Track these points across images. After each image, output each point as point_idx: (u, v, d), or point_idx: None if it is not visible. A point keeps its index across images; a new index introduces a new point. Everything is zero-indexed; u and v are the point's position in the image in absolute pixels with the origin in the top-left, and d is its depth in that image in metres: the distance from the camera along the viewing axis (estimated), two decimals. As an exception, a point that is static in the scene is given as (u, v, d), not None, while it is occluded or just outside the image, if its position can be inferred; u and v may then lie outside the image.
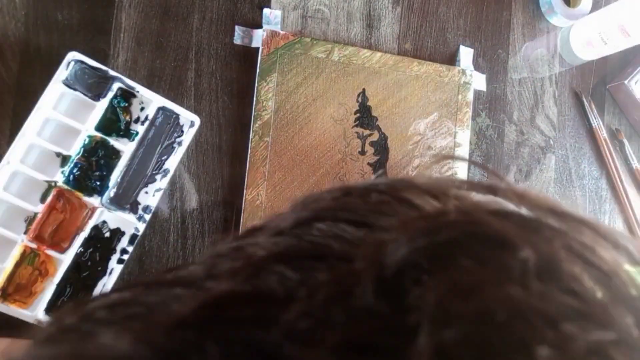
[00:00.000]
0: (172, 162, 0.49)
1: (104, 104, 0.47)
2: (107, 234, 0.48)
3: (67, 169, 0.46)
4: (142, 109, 0.49)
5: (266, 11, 0.54)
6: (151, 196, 0.48)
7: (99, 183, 0.47)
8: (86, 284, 0.47)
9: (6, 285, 0.44)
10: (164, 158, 0.49)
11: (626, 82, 0.65)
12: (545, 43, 0.66)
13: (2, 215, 0.45)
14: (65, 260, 0.45)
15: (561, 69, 0.66)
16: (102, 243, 0.48)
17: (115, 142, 0.47)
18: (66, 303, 0.46)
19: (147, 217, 0.48)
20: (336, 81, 0.55)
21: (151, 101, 0.48)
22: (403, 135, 0.57)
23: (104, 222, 0.48)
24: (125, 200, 0.48)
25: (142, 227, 0.48)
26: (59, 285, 0.45)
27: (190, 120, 0.50)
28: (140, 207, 0.48)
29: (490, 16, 0.63)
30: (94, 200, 0.47)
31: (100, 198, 0.47)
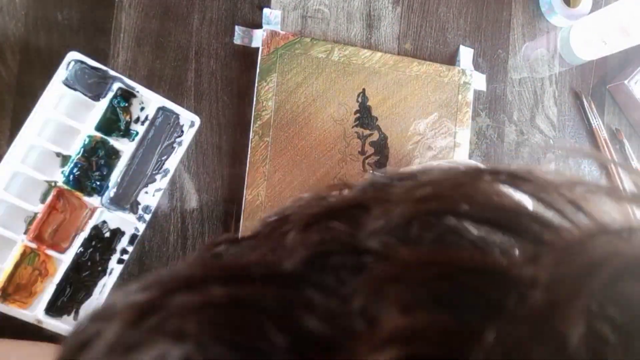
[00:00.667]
0: (172, 162, 0.49)
1: (104, 104, 0.47)
2: (107, 234, 0.48)
3: (67, 169, 0.46)
4: (142, 109, 0.49)
5: (266, 11, 0.54)
6: (151, 196, 0.48)
7: (99, 183, 0.47)
8: (86, 284, 0.47)
9: (6, 285, 0.44)
10: (164, 158, 0.49)
11: (626, 82, 0.65)
12: (545, 43, 0.66)
13: (2, 215, 0.45)
14: (65, 260, 0.45)
15: (561, 69, 0.66)
16: (102, 243, 0.48)
17: (115, 142, 0.47)
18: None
19: (147, 217, 0.48)
20: (336, 81, 0.55)
21: (151, 101, 0.48)
22: (403, 135, 0.57)
23: (104, 222, 0.48)
24: (125, 200, 0.48)
25: (142, 227, 0.48)
26: (59, 285, 0.45)
27: (190, 120, 0.50)
28: (140, 207, 0.48)
29: (490, 16, 0.63)
30: (94, 200, 0.47)
31: (100, 198, 0.47)
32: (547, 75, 0.65)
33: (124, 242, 0.48)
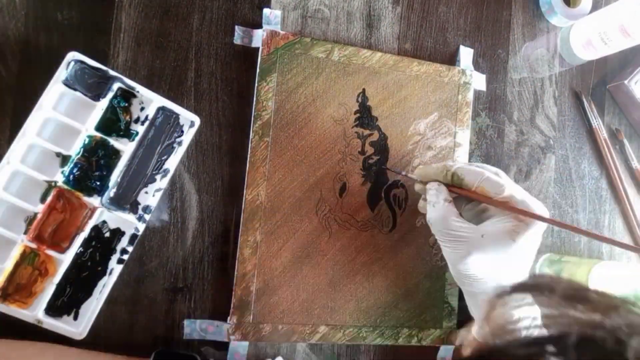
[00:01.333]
0: (172, 162, 0.49)
1: (104, 104, 0.47)
2: (107, 234, 0.48)
3: (67, 169, 0.46)
4: (142, 109, 0.49)
5: (266, 11, 0.54)
6: (151, 196, 0.48)
7: (99, 183, 0.47)
8: (86, 284, 0.47)
9: (6, 286, 0.44)
10: (164, 158, 0.49)
11: (626, 82, 0.65)
12: (545, 43, 0.66)
13: (2, 215, 0.45)
14: (65, 260, 0.45)
15: (561, 69, 0.66)
16: (102, 243, 0.48)
17: (115, 142, 0.47)
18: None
19: (147, 217, 0.48)
20: (336, 81, 0.55)
21: (151, 101, 0.48)
22: (403, 135, 0.57)
23: (104, 222, 0.48)
24: (125, 200, 0.48)
25: (142, 227, 0.48)
26: (59, 285, 0.45)
27: (190, 120, 0.50)
28: (140, 207, 0.48)
29: (490, 16, 0.63)
30: (94, 200, 0.47)
31: (100, 198, 0.47)
32: (547, 75, 0.65)
33: (123, 242, 0.48)
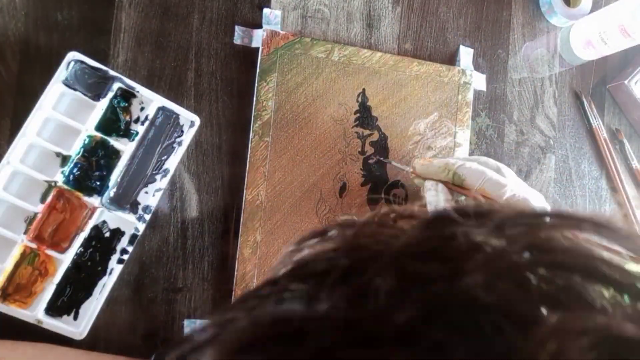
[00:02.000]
0: (172, 162, 0.49)
1: (104, 104, 0.47)
2: (107, 234, 0.48)
3: (67, 169, 0.46)
4: (142, 109, 0.49)
5: (266, 11, 0.54)
6: (151, 196, 0.48)
7: (99, 183, 0.47)
8: (86, 284, 0.46)
9: (6, 286, 0.44)
10: (164, 158, 0.49)
11: (626, 82, 0.65)
12: (545, 43, 0.66)
13: (2, 215, 0.45)
14: (65, 260, 0.45)
15: (561, 69, 0.66)
16: (102, 243, 0.48)
17: (115, 142, 0.47)
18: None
19: (147, 217, 0.48)
20: (336, 81, 0.55)
21: (151, 101, 0.48)
22: (403, 135, 0.57)
23: (104, 222, 0.48)
24: (125, 200, 0.48)
25: (142, 227, 0.48)
26: (59, 285, 0.45)
27: (190, 120, 0.50)
28: (140, 207, 0.48)
29: (490, 16, 0.63)
30: (94, 200, 0.47)
31: (100, 198, 0.47)
32: (547, 75, 0.65)
33: (123, 242, 0.48)
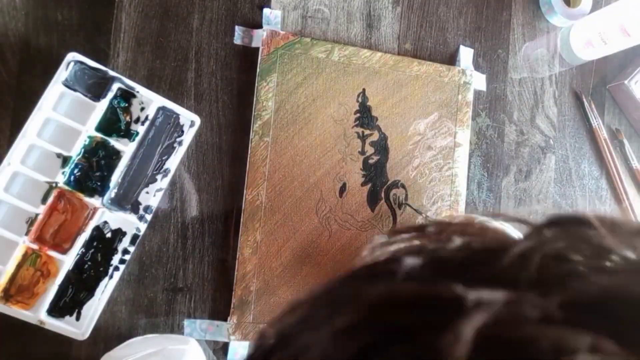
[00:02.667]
0: (173, 162, 0.49)
1: (104, 104, 0.47)
2: (109, 235, 0.48)
3: (68, 169, 0.46)
4: (142, 109, 0.49)
5: (266, 11, 0.54)
6: (152, 196, 0.49)
7: (99, 183, 0.47)
8: (88, 284, 0.47)
9: (8, 287, 0.44)
10: (164, 158, 0.49)
11: (626, 82, 0.65)
12: (545, 43, 0.66)
13: (3, 216, 0.45)
14: (67, 261, 0.46)
15: (561, 69, 0.66)
16: (103, 243, 0.48)
17: (116, 143, 0.47)
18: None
19: (148, 217, 0.48)
20: (336, 81, 0.55)
21: (151, 101, 0.48)
22: (403, 135, 0.57)
23: (105, 222, 0.48)
24: (126, 201, 0.48)
25: (143, 227, 0.48)
26: (60, 286, 0.45)
27: (190, 120, 0.50)
28: (141, 207, 0.48)
29: (490, 16, 0.63)
30: (95, 201, 0.47)
31: (101, 198, 0.47)
32: (547, 75, 0.65)
33: (125, 243, 0.48)
